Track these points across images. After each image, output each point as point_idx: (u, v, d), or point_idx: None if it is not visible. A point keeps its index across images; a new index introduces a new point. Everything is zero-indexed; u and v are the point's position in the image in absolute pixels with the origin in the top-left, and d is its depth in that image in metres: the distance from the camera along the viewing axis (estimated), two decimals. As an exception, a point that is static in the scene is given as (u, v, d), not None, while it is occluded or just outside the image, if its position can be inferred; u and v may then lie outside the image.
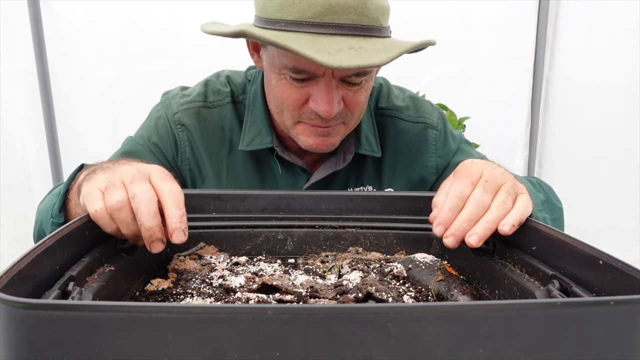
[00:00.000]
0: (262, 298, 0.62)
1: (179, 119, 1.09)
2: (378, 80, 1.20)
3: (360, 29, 0.88)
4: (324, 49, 0.84)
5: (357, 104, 0.97)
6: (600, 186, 2.23)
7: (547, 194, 1.01)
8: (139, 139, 1.11)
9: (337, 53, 0.84)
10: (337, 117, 0.96)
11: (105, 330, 0.39)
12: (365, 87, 0.97)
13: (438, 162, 1.14)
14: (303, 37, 0.86)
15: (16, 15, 2.04)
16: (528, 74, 2.22)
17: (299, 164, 1.09)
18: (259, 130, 1.08)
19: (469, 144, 1.21)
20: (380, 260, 0.82)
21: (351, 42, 0.87)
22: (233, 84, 1.14)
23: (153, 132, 1.10)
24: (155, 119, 1.12)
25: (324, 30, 0.86)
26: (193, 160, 1.10)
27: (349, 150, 1.09)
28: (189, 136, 1.09)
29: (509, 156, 2.22)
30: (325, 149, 1.01)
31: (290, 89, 0.95)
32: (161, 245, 0.64)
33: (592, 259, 0.54)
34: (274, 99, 1.00)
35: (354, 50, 0.85)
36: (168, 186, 0.66)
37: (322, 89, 0.92)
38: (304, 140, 1.00)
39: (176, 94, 1.14)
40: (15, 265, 0.48)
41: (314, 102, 0.94)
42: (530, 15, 2.17)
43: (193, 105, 1.11)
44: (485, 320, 0.40)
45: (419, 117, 1.15)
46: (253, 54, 1.05)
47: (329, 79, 0.92)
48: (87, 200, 0.66)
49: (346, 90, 0.95)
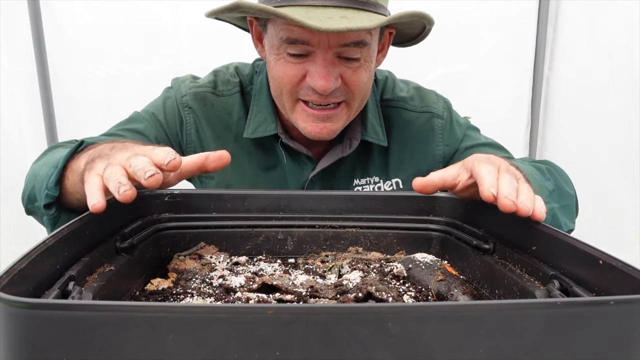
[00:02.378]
0: (262, 298, 0.62)
1: (187, 102, 1.11)
2: (383, 73, 1.21)
3: (354, 2, 0.91)
4: (316, 17, 0.87)
5: (357, 83, 0.98)
6: (600, 186, 2.23)
7: (558, 181, 1.00)
8: (145, 114, 1.13)
9: (328, 20, 0.86)
10: (337, 95, 0.97)
11: (105, 330, 0.39)
12: (364, 67, 0.98)
13: (445, 151, 1.15)
14: (297, 9, 0.89)
15: (16, 15, 2.04)
16: (528, 74, 2.22)
17: (304, 152, 1.09)
18: (264, 118, 1.09)
19: (475, 129, 1.21)
20: (380, 260, 0.82)
21: (344, 12, 0.89)
22: (241, 75, 1.16)
23: (160, 110, 1.13)
24: (163, 98, 1.14)
25: (318, 3, 0.89)
26: (198, 143, 1.12)
27: (355, 137, 1.10)
28: (196, 119, 1.11)
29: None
30: (326, 135, 1.01)
31: (287, 66, 0.96)
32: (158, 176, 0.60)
33: (592, 258, 0.54)
34: (274, 80, 1.01)
35: (346, 18, 0.88)
36: (159, 149, 0.65)
37: (318, 64, 0.94)
38: (303, 127, 1.01)
39: (186, 79, 1.17)
40: (15, 265, 0.48)
41: (311, 77, 0.95)
42: (530, 15, 2.16)
43: (202, 90, 1.13)
44: (485, 320, 0.40)
45: (424, 107, 1.16)
46: (257, 44, 1.07)
47: (325, 52, 0.93)
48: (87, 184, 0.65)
49: (345, 67, 0.96)
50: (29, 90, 2.11)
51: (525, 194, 0.64)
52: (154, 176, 0.59)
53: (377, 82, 1.18)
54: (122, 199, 0.60)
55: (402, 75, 1.27)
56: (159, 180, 0.60)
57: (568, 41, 2.18)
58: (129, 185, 0.60)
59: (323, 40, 0.92)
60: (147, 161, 0.62)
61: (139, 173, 0.61)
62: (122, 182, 0.60)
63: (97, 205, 0.60)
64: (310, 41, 0.92)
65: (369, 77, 1.00)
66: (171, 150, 0.64)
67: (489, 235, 0.73)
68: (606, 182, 2.23)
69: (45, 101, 2.13)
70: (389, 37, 1.07)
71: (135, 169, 0.61)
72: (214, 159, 0.69)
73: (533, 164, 1.03)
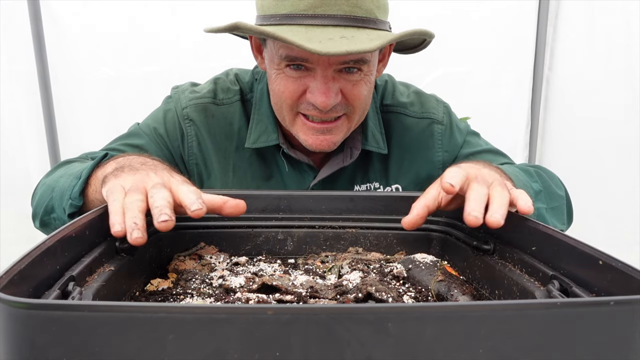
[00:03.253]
0: (262, 298, 0.62)
1: (188, 114, 1.11)
2: (383, 77, 1.21)
3: (353, 20, 0.89)
4: (315, 38, 0.86)
5: (358, 97, 0.98)
6: (600, 186, 2.23)
7: (547, 182, 1.00)
8: (146, 128, 1.12)
9: (327, 41, 0.85)
10: (337, 109, 0.97)
11: (105, 330, 0.39)
12: (365, 81, 0.97)
13: (445, 157, 1.15)
14: (296, 28, 0.88)
15: (16, 15, 2.04)
16: (528, 74, 2.22)
17: (305, 161, 1.09)
18: (265, 127, 1.09)
19: (475, 134, 1.21)
20: (380, 260, 0.82)
21: (344, 32, 0.88)
22: (242, 82, 1.15)
23: (160, 124, 1.12)
24: (164, 111, 1.14)
25: (317, 22, 0.88)
26: (200, 156, 1.11)
27: (356, 146, 1.10)
28: (197, 131, 1.10)
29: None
30: (326, 148, 1.01)
31: (287, 81, 0.96)
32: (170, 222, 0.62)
33: (592, 259, 0.54)
34: (274, 95, 1.01)
35: (345, 39, 0.87)
36: (186, 187, 0.68)
37: (318, 80, 0.93)
38: (304, 139, 1.00)
39: (186, 89, 1.15)
40: (15, 265, 0.48)
41: (311, 93, 0.94)
42: (530, 15, 2.16)
43: (202, 101, 1.12)
44: (485, 320, 0.40)
45: (424, 112, 1.16)
46: (256, 55, 1.06)
47: (325, 70, 0.93)
48: (110, 194, 0.68)
49: (345, 82, 0.95)
50: (29, 90, 2.11)
51: (497, 200, 0.66)
52: (166, 222, 0.61)
53: (377, 87, 1.17)
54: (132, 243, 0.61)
55: (403, 76, 1.27)
56: (170, 227, 0.62)
57: (568, 41, 2.18)
58: (143, 232, 0.61)
59: (322, 59, 0.91)
60: (167, 200, 0.64)
61: (154, 211, 0.63)
62: (138, 224, 0.62)
63: (120, 232, 0.62)
64: (310, 59, 0.92)
65: (369, 90, 1.00)
66: (200, 194, 0.66)
67: (488, 235, 0.73)
68: (606, 182, 2.23)
69: (45, 101, 2.13)
70: (390, 48, 1.07)
71: (153, 204, 0.64)
72: (231, 206, 0.70)
73: (520, 166, 1.03)
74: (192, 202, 0.64)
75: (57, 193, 0.89)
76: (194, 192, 0.67)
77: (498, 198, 0.66)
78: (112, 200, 0.66)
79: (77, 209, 0.84)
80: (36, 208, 0.96)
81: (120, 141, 1.10)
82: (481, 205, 0.65)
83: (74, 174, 0.87)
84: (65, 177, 0.90)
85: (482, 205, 0.65)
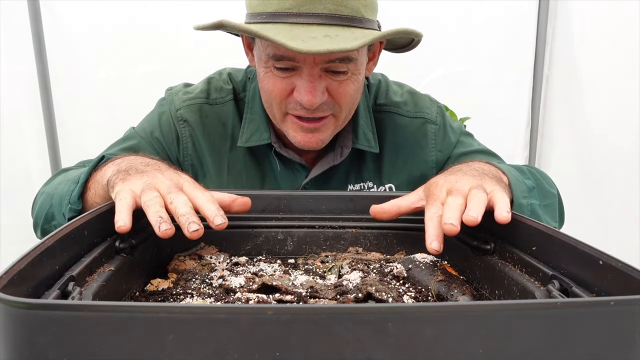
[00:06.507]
0: (262, 298, 0.62)
1: (182, 115, 1.11)
2: (377, 76, 1.21)
3: (339, 19, 0.89)
4: (299, 37, 0.86)
5: (344, 95, 0.97)
6: (600, 186, 2.23)
7: (539, 180, 1.01)
8: (142, 132, 1.12)
9: (310, 40, 0.85)
10: (323, 109, 0.97)
11: (105, 330, 0.38)
12: (352, 79, 0.97)
13: (438, 157, 1.15)
14: (281, 27, 0.88)
15: (16, 15, 2.04)
16: (528, 74, 2.22)
17: (297, 160, 1.09)
18: (257, 126, 1.09)
19: (468, 135, 1.21)
20: (380, 260, 0.82)
21: (328, 30, 0.88)
22: (235, 82, 1.15)
23: (156, 127, 1.12)
24: (158, 114, 1.14)
25: (302, 20, 0.88)
26: (195, 156, 1.11)
27: (346, 145, 1.10)
28: (191, 132, 1.11)
29: (509, 156, 2.22)
30: (315, 145, 1.01)
31: (275, 80, 0.96)
32: (201, 231, 0.63)
33: (592, 259, 0.54)
34: (263, 92, 1.01)
35: (329, 37, 0.87)
36: (201, 193, 0.69)
37: (304, 79, 0.93)
38: (293, 137, 1.01)
39: (179, 90, 1.15)
40: (15, 265, 0.48)
41: (297, 92, 0.95)
42: (530, 15, 2.16)
43: (196, 102, 1.12)
44: (485, 320, 0.40)
45: (418, 112, 1.16)
46: (247, 52, 1.06)
47: (311, 68, 0.93)
48: (118, 195, 0.69)
49: (331, 80, 0.95)
50: (29, 90, 2.11)
51: (473, 200, 0.68)
52: (197, 232, 0.63)
53: (370, 86, 1.17)
54: (162, 236, 0.62)
55: (403, 76, 1.27)
56: (200, 235, 0.63)
57: (568, 41, 2.18)
58: (170, 224, 0.63)
59: (308, 57, 0.91)
60: (189, 206, 0.65)
61: (181, 219, 0.64)
62: (164, 217, 0.63)
63: (124, 227, 0.63)
64: (296, 58, 0.92)
65: (357, 89, 1.00)
66: (215, 201, 0.68)
67: (489, 235, 0.73)
68: (606, 182, 2.23)
69: (45, 101, 2.13)
70: (379, 46, 1.06)
71: (177, 212, 0.65)
72: (239, 204, 0.75)
73: (513, 165, 1.04)
74: (215, 215, 0.66)
75: (56, 200, 0.89)
76: (211, 200, 0.68)
77: (474, 199, 0.68)
78: (119, 200, 0.67)
79: (77, 213, 0.84)
80: (37, 217, 0.96)
81: (117, 146, 1.10)
82: (456, 213, 0.67)
83: (71, 180, 0.88)
84: (64, 183, 0.90)
85: (458, 213, 0.67)
